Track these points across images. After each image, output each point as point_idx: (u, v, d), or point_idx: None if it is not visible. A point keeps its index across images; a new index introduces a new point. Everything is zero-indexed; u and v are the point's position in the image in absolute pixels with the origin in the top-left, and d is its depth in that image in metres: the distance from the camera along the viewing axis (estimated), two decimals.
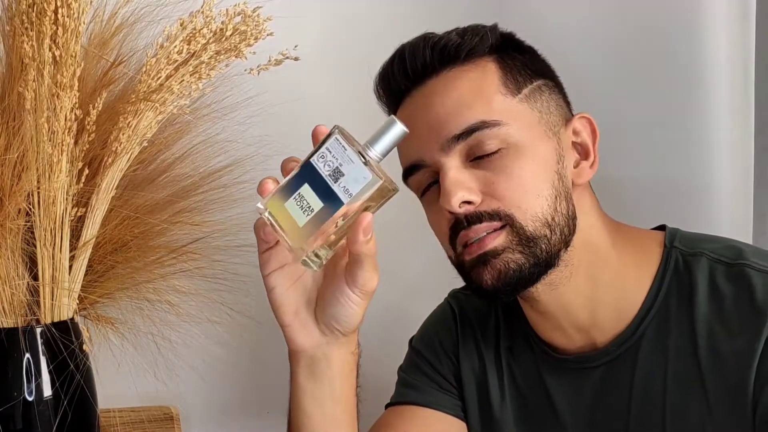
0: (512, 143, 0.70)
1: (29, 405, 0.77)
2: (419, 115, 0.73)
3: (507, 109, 0.71)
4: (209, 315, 0.92)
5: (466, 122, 0.70)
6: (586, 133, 0.75)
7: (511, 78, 0.73)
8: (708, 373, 0.69)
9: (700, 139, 0.99)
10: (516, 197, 0.69)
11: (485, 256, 0.70)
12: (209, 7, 0.78)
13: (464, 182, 0.70)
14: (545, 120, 0.73)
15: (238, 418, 1.10)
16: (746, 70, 0.97)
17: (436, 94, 0.72)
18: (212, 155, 0.92)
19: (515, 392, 0.80)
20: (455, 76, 0.72)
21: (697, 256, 0.73)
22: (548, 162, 0.72)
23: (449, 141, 0.70)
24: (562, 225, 0.71)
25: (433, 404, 0.83)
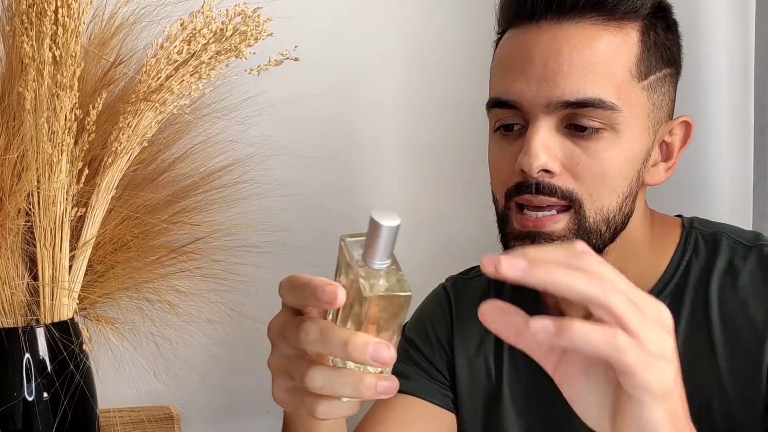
0: (615, 129, 0.67)
1: (29, 405, 0.77)
2: (539, 54, 0.67)
3: (628, 93, 0.67)
4: (209, 315, 0.92)
5: (584, 92, 0.65)
6: (678, 138, 0.73)
7: (646, 59, 0.68)
8: (720, 346, 0.69)
9: (700, 137, 0.99)
10: (593, 184, 0.67)
11: (537, 235, 0.67)
12: (209, 8, 0.78)
13: (551, 148, 0.66)
14: (654, 115, 0.69)
15: (238, 418, 1.10)
16: (746, 70, 0.97)
17: (568, 43, 0.66)
18: (212, 155, 0.92)
19: (516, 376, 0.79)
20: (596, 33, 0.66)
21: (717, 235, 0.73)
22: (636, 159, 0.69)
23: (558, 103, 0.66)
24: (618, 223, 0.69)
25: (419, 393, 0.82)
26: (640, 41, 0.68)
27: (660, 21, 0.70)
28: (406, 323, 0.89)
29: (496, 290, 0.83)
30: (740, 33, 0.97)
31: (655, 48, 0.69)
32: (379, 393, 0.47)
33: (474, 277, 0.86)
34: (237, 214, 0.92)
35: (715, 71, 0.97)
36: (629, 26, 0.68)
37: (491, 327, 0.47)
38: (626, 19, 0.67)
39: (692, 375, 0.69)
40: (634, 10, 0.68)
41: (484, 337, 0.82)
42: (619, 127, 0.67)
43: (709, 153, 0.99)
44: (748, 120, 0.98)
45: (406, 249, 1.14)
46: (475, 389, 0.81)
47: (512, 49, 0.70)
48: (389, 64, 1.09)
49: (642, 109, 0.68)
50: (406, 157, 1.11)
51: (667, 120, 0.72)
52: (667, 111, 0.72)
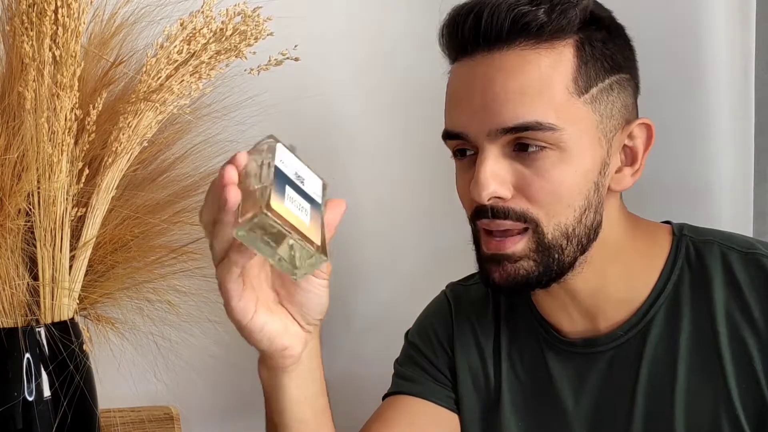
0: (560, 147, 0.67)
1: (29, 405, 0.77)
2: (477, 85, 0.68)
3: (568, 110, 0.67)
4: (209, 315, 0.91)
5: (522, 117, 0.66)
6: (640, 140, 0.72)
7: (583, 73, 0.68)
8: (728, 361, 0.69)
9: (700, 139, 0.99)
10: (547, 203, 0.67)
11: (500, 257, 0.69)
12: (209, 7, 0.78)
13: (499, 175, 0.67)
14: (603, 125, 0.69)
15: (238, 418, 1.09)
16: (746, 71, 0.97)
17: (501, 71, 0.67)
18: (212, 155, 0.92)
19: (515, 379, 0.79)
20: (526, 57, 0.67)
21: (708, 243, 0.73)
22: (590, 173, 0.68)
23: (498, 131, 0.67)
24: (581, 236, 0.69)
25: (425, 395, 0.82)
26: (576, 57, 0.68)
27: (595, 32, 0.69)
28: (410, 329, 0.90)
29: (493, 297, 0.84)
30: (740, 33, 0.96)
31: (593, 60, 0.68)
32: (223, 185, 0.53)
33: (473, 284, 0.87)
34: None
35: (716, 71, 0.96)
36: (561, 44, 0.67)
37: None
38: (556, 38, 0.67)
39: (698, 390, 0.69)
40: (560, 29, 0.67)
41: (484, 341, 0.83)
42: (565, 145, 0.67)
43: (709, 154, 0.98)
44: (748, 121, 0.98)
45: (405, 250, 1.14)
46: (475, 393, 0.82)
47: (454, 82, 0.72)
48: (389, 64, 1.09)
49: (588, 123, 0.68)
50: (406, 157, 1.11)
51: (623, 125, 0.71)
52: (621, 116, 0.71)
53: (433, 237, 1.11)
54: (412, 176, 1.11)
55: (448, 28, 0.71)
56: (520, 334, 0.80)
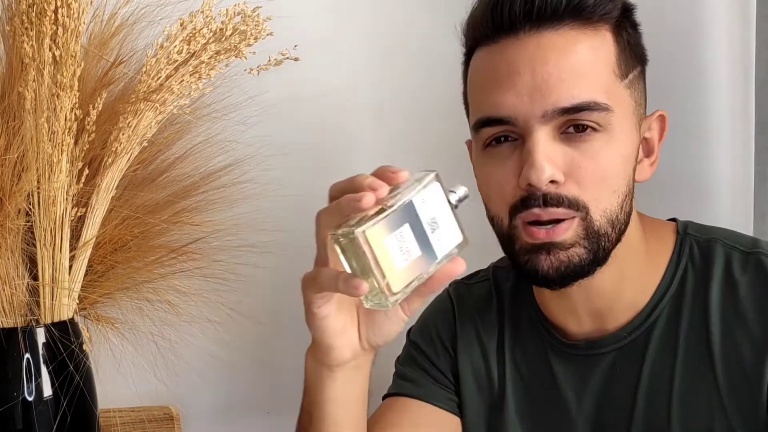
0: (609, 130, 0.66)
1: (29, 405, 0.77)
2: (526, 67, 0.66)
3: (615, 92, 0.67)
4: (209, 315, 0.92)
5: (578, 97, 0.65)
6: (656, 132, 0.73)
7: (623, 58, 0.68)
8: (720, 361, 0.68)
9: (701, 138, 0.99)
10: (596, 188, 0.66)
11: (551, 246, 0.67)
12: (209, 7, 0.78)
13: (554, 158, 0.65)
14: (637, 112, 0.70)
15: (237, 418, 1.09)
16: (746, 70, 0.97)
17: (553, 51, 0.65)
18: (212, 155, 0.92)
19: (518, 380, 0.79)
20: (578, 38, 0.66)
21: (711, 242, 0.72)
22: (630, 157, 0.69)
23: (555, 111, 0.65)
24: (621, 223, 0.69)
25: (426, 397, 0.82)
26: (615, 42, 0.68)
27: (628, 21, 0.70)
28: (412, 328, 0.89)
29: (497, 296, 0.83)
30: (740, 33, 0.96)
31: (629, 47, 0.70)
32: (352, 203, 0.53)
33: (476, 282, 0.86)
34: (237, 214, 0.92)
35: (716, 71, 0.97)
36: (603, 29, 0.68)
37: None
38: (600, 22, 0.68)
39: (693, 391, 0.69)
40: (606, 13, 0.68)
41: (487, 341, 0.82)
42: (612, 127, 0.67)
43: (709, 154, 0.98)
44: (748, 120, 0.98)
45: None
46: (478, 393, 0.81)
47: (494, 64, 0.69)
48: (389, 64, 1.09)
49: (628, 107, 0.69)
50: (406, 157, 1.11)
51: (644, 115, 0.72)
52: (644, 106, 0.72)
53: None
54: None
55: (492, 5, 0.68)
56: (524, 335, 0.80)
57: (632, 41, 0.70)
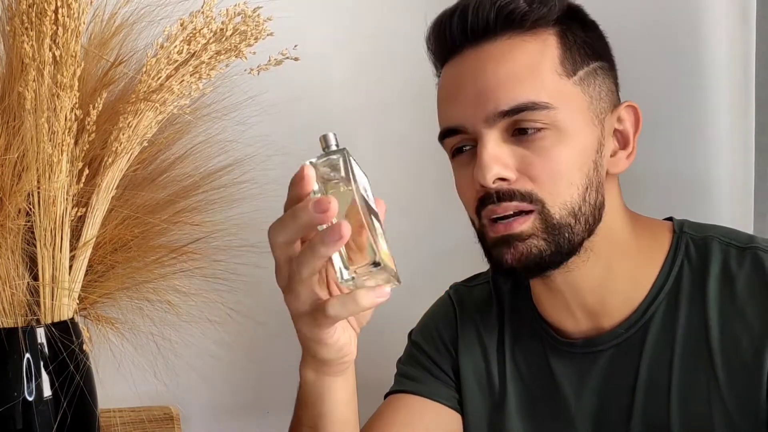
0: (557, 126, 0.69)
1: (29, 405, 0.77)
2: (468, 78, 0.71)
3: (559, 91, 0.70)
4: (209, 315, 0.92)
5: (516, 99, 0.68)
6: (629, 123, 0.74)
7: (569, 57, 0.71)
8: (718, 355, 0.69)
9: (701, 138, 0.99)
10: (550, 182, 0.69)
11: (510, 238, 0.70)
12: (209, 7, 0.78)
13: (501, 158, 0.69)
14: (594, 106, 0.72)
15: (238, 418, 1.10)
16: (746, 70, 0.97)
17: (490, 60, 0.70)
18: (212, 155, 0.92)
19: (519, 380, 0.80)
20: (514, 45, 0.70)
21: (707, 239, 0.74)
22: (587, 150, 0.71)
23: (495, 115, 0.69)
24: (587, 215, 0.70)
25: (427, 394, 0.83)
26: (559, 44, 0.71)
27: (574, 22, 0.73)
28: (413, 329, 0.90)
29: (497, 298, 0.84)
30: (740, 33, 0.97)
31: (576, 46, 0.71)
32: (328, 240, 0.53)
33: (477, 285, 0.87)
34: (237, 214, 0.92)
35: (716, 71, 0.97)
36: (544, 33, 0.71)
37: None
38: (539, 27, 0.71)
39: (691, 385, 0.69)
40: (542, 17, 0.71)
41: (488, 342, 0.83)
42: (561, 124, 0.69)
43: (709, 153, 0.99)
44: (748, 120, 0.98)
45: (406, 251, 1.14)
46: (480, 394, 0.82)
47: (446, 81, 0.75)
48: (389, 63, 1.09)
49: (579, 103, 0.71)
50: (406, 157, 1.11)
51: (611, 109, 0.73)
52: (608, 100, 0.73)
53: (433, 238, 1.11)
54: (413, 176, 1.11)
55: (436, 32, 0.75)
56: (523, 336, 0.81)
57: (581, 40, 0.72)
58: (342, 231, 0.52)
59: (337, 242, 0.53)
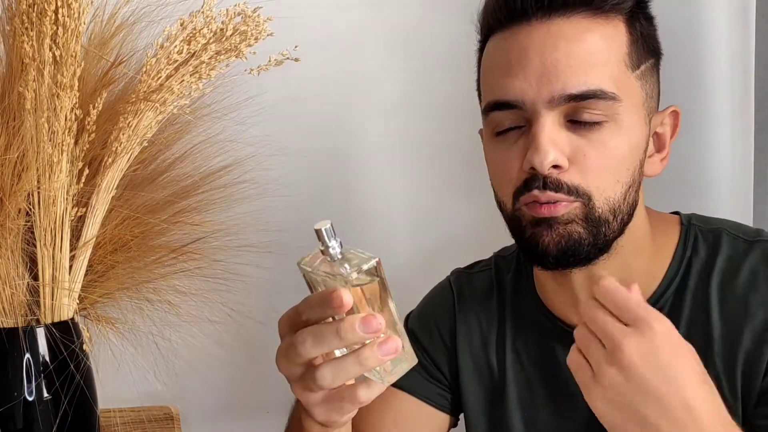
0: (616, 120, 0.67)
1: (29, 405, 0.77)
2: (535, 52, 0.67)
3: (625, 82, 0.68)
4: (209, 315, 0.91)
5: (586, 84, 0.66)
6: (669, 127, 0.74)
7: (635, 49, 0.69)
8: (718, 343, 0.69)
9: (700, 138, 0.99)
10: (599, 177, 0.67)
11: (552, 220, 0.68)
12: (209, 7, 0.78)
13: (559, 143, 0.67)
14: (648, 104, 0.70)
15: (238, 418, 1.10)
16: (746, 70, 0.98)
17: (563, 38, 0.67)
18: (212, 155, 0.92)
19: (519, 369, 0.79)
20: (589, 27, 0.67)
21: (717, 232, 0.74)
22: (638, 149, 0.69)
23: (561, 97, 0.66)
24: (624, 213, 0.69)
25: (414, 391, 0.83)
26: (628, 33, 0.69)
27: (641, 13, 0.71)
28: (410, 314, 0.89)
29: (498, 285, 0.83)
30: (740, 33, 0.97)
31: (642, 39, 0.70)
32: (384, 355, 0.53)
33: (478, 271, 0.86)
34: (237, 214, 0.92)
35: (716, 71, 0.97)
36: (616, 19, 0.69)
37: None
38: (612, 12, 0.68)
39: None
40: (620, 2, 0.68)
41: (487, 331, 0.82)
42: (620, 117, 0.67)
43: (709, 153, 0.99)
44: (748, 120, 0.98)
45: (406, 249, 1.14)
46: (479, 383, 0.82)
47: (505, 50, 0.70)
48: (389, 63, 1.09)
49: (638, 99, 0.69)
50: (406, 156, 1.11)
51: (656, 109, 0.73)
52: (656, 100, 0.72)
53: (432, 235, 1.11)
54: (412, 175, 1.11)
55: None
56: (526, 324, 0.80)
57: (645, 33, 0.70)
58: (397, 346, 0.53)
59: (394, 356, 0.54)
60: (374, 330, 0.53)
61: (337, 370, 0.55)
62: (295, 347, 0.55)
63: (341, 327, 0.53)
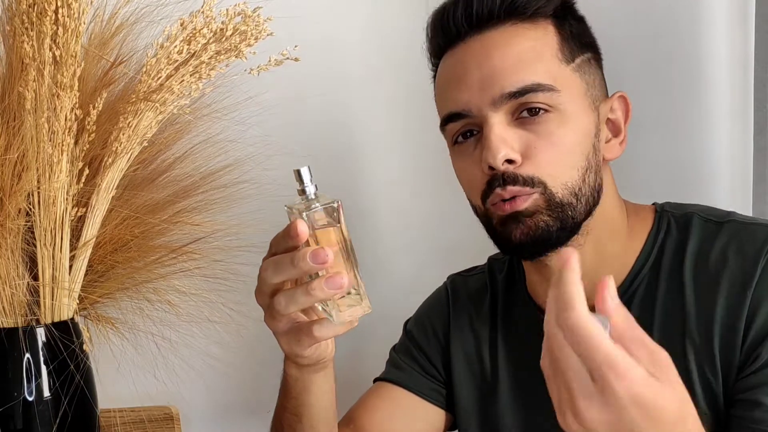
0: (560, 110, 0.72)
1: (29, 405, 0.77)
2: (473, 64, 0.73)
3: (561, 75, 0.73)
4: (209, 315, 0.91)
5: (522, 81, 0.71)
6: (620, 112, 0.78)
7: (567, 45, 0.74)
8: (693, 321, 0.71)
9: (699, 138, 0.99)
10: (552, 165, 0.71)
11: (517, 215, 0.72)
12: (209, 7, 0.78)
13: (508, 140, 0.71)
14: (590, 93, 0.75)
15: (238, 418, 1.10)
16: (745, 71, 0.98)
17: (496, 47, 0.73)
18: (212, 155, 0.92)
19: (512, 366, 0.81)
20: (517, 32, 0.73)
21: (688, 215, 0.77)
22: (587, 134, 0.73)
23: (502, 97, 0.71)
24: (587, 195, 0.73)
25: (409, 386, 0.86)
26: (557, 32, 0.74)
27: (568, 14, 0.76)
28: (410, 318, 0.91)
29: (491, 285, 0.86)
30: (740, 33, 0.97)
31: (572, 36, 0.75)
32: (330, 288, 0.58)
33: (473, 274, 0.89)
34: (237, 214, 0.92)
35: (715, 71, 0.97)
36: (544, 22, 0.74)
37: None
38: (537, 17, 0.74)
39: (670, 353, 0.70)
40: (542, 7, 0.74)
41: (480, 328, 0.85)
42: (563, 107, 0.72)
43: (708, 153, 0.99)
44: (747, 121, 0.98)
45: (406, 250, 1.14)
46: (471, 380, 0.83)
47: (448, 68, 0.77)
48: (389, 64, 1.09)
49: (578, 89, 0.74)
50: (406, 157, 1.11)
51: (603, 98, 0.77)
52: (601, 89, 0.77)
53: (432, 236, 1.11)
54: (412, 175, 1.11)
55: (439, 19, 0.77)
56: (517, 320, 0.82)
57: (576, 31, 0.76)
58: (342, 282, 0.58)
59: (336, 291, 0.59)
60: (321, 260, 0.58)
61: (290, 297, 0.61)
62: (260, 276, 0.64)
63: (295, 255, 0.60)
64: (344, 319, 0.62)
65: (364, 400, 0.86)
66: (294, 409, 0.73)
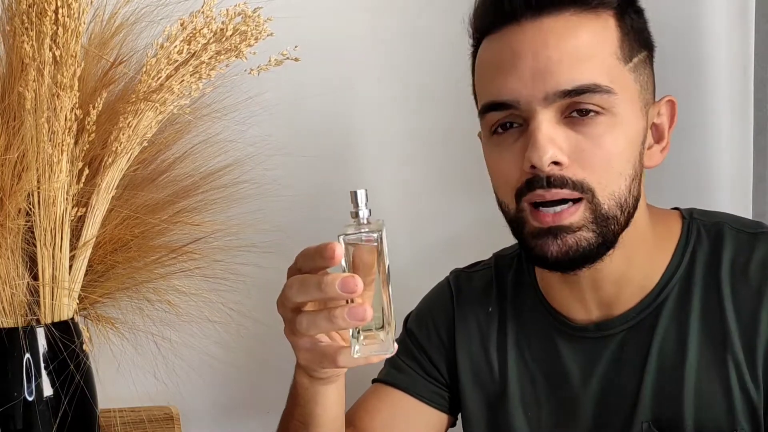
0: (612, 113, 0.67)
1: (29, 405, 0.77)
2: (527, 51, 0.67)
3: (618, 76, 0.68)
4: (209, 315, 0.91)
5: (579, 79, 0.66)
6: (666, 117, 0.74)
7: (626, 43, 0.69)
8: (736, 335, 0.69)
9: (699, 138, 0.99)
10: (601, 171, 0.67)
11: (558, 230, 0.67)
12: (209, 7, 0.78)
13: (557, 140, 0.66)
14: (642, 96, 0.70)
15: (238, 418, 1.10)
16: (745, 71, 0.97)
17: (553, 35, 0.67)
18: (212, 155, 0.92)
19: (522, 366, 0.79)
20: (578, 22, 0.67)
21: (719, 225, 0.74)
22: (636, 141, 0.69)
23: (555, 94, 0.66)
24: (630, 206, 0.69)
25: (411, 390, 0.83)
26: (618, 27, 0.69)
27: (630, 7, 0.71)
28: (410, 314, 0.89)
29: (498, 283, 0.83)
30: (740, 33, 0.97)
31: (632, 32, 0.70)
32: (350, 318, 0.55)
33: (478, 271, 0.86)
34: (237, 214, 0.92)
35: (715, 71, 0.97)
36: (605, 14, 0.69)
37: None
38: (600, 7, 0.69)
39: (708, 365, 0.70)
40: (604, 2, 0.69)
41: (487, 330, 0.81)
42: (616, 110, 0.67)
43: (708, 153, 0.99)
44: (747, 120, 0.98)
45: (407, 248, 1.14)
46: (478, 384, 0.81)
47: (497, 51, 0.70)
48: (389, 64, 1.09)
49: (633, 91, 0.69)
50: (406, 156, 1.11)
51: (653, 101, 0.73)
52: (651, 91, 0.72)
53: (437, 234, 1.11)
54: (412, 175, 1.11)
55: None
56: (528, 322, 0.80)
57: (636, 26, 0.71)
58: (366, 314, 0.55)
59: (358, 323, 0.55)
60: (350, 289, 0.54)
61: (312, 321, 0.57)
62: (285, 291, 0.59)
63: (323, 279, 0.55)
64: (364, 354, 0.59)
65: (364, 402, 0.84)
66: (301, 417, 0.70)
